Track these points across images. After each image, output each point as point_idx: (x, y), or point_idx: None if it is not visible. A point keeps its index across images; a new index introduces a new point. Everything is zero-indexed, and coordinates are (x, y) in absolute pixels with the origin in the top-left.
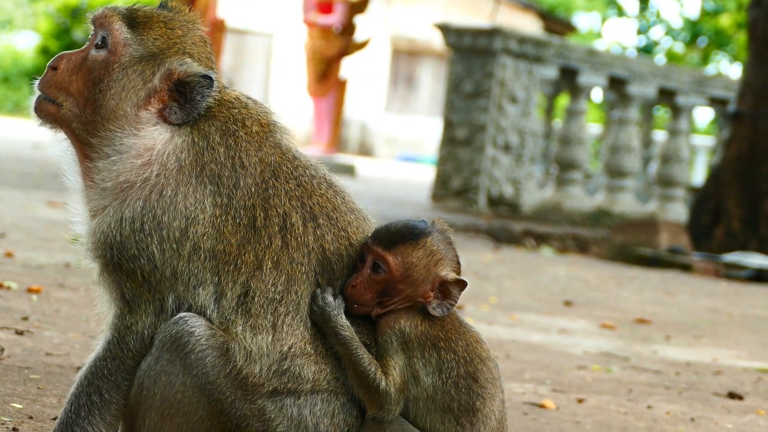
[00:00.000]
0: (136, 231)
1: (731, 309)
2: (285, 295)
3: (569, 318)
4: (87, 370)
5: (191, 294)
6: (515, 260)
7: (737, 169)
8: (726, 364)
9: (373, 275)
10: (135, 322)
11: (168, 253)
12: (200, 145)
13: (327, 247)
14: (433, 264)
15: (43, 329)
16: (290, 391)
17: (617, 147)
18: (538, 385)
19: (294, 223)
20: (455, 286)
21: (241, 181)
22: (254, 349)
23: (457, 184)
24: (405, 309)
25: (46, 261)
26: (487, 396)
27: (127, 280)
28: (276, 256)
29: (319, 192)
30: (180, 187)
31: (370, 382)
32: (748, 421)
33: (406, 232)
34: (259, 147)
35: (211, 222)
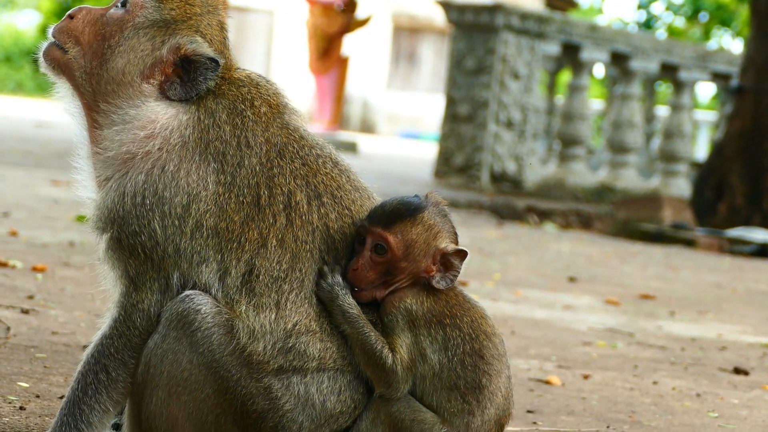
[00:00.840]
0: (138, 205)
1: (735, 284)
2: (289, 273)
3: (573, 294)
4: (93, 348)
5: (195, 271)
6: (519, 236)
7: (740, 144)
8: (731, 339)
9: (374, 256)
10: (141, 299)
11: (170, 229)
12: (206, 123)
13: (331, 226)
14: (432, 237)
15: (48, 308)
16: (296, 368)
17: (620, 123)
18: (543, 361)
19: (299, 202)
20: (456, 257)
21: (245, 161)
22: (257, 327)
23: (459, 161)
24: (408, 287)
25: (51, 240)
26: (494, 373)
27: (130, 256)
28: (281, 234)
29: (324, 171)
30: (183, 163)
31: (378, 360)
32: (753, 397)
33: (402, 209)
34: (266, 127)
35: (213, 199)
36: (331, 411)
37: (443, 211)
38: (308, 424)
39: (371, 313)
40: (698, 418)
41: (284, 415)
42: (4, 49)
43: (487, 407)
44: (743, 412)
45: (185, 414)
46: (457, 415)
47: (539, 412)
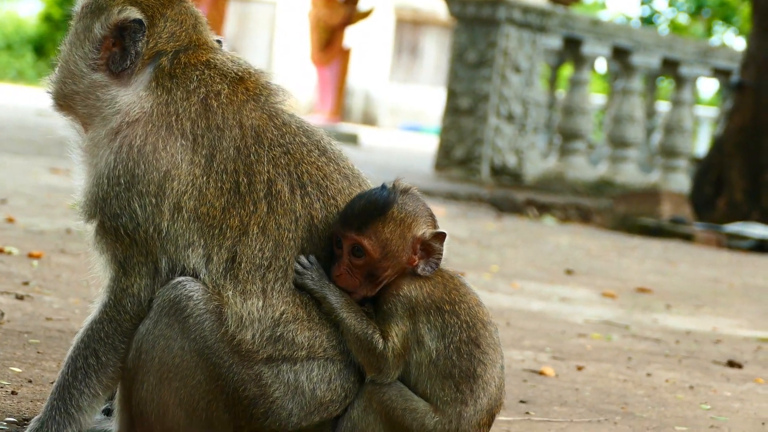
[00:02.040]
0: (113, 185)
1: (732, 279)
2: (273, 262)
3: (570, 286)
4: (84, 333)
5: (182, 255)
6: (517, 229)
7: (740, 140)
8: (726, 333)
9: (354, 260)
10: (131, 284)
11: (149, 209)
12: (163, 98)
13: (315, 215)
14: (407, 229)
15: (43, 294)
16: (285, 357)
17: (620, 117)
18: (537, 352)
19: (280, 190)
20: (435, 241)
21: (218, 143)
22: (245, 314)
23: (460, 154)
24: (400, 277)
25: (48, 227)
26: (488, 362)
27: (116, 240)
28: (262, 222)
29: (309, 160)
30: (149, 137)
31: (369, 346)
32: (747, 390)
33: (371, 209)
34: (237, 109)
35: (190, 181)
36: (321, 399)
37: (414, 197)
38: (298, 412)
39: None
40: (691, 410)
41: (274, 402)
42: (6, 37)
43: (480, 397)
44: (736, 404)
45: (176, 400)
46: (450, 404)
47: (532, 402)
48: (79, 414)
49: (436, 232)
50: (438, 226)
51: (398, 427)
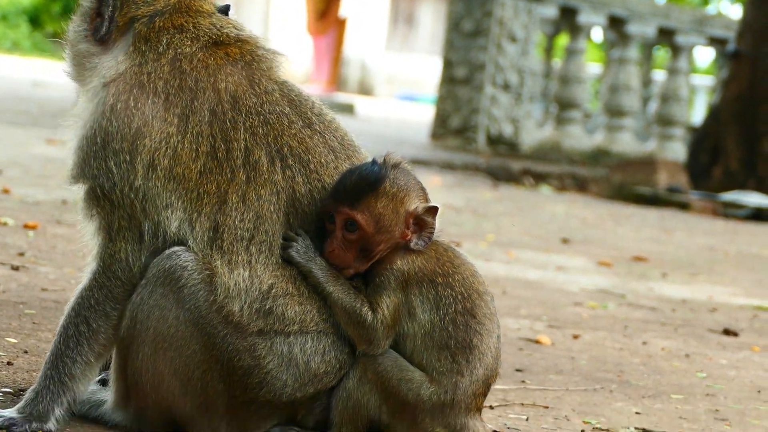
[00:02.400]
0: (91, 144)
1: (728, 247)
2: (255, 234)
3: (566, 255)
4: (74, 301)
5: (162, 218)
6: (514, 198)
7: (736, 109)
8: (722, 301)
9: (347, 234)
10: (117, 250)
11: (123, 167)
12: (137, 60)
13: (297, 189)
14: (400, 204)
15: (39, 265)
16: (277, 331)
17: (616, 86)
18: (534, 321)
19: (258, 160)
20: (428, 215)
21: (190, 104)
22: (232, 285)
23: (456, 123)
24: (393, 251)
25: (44, 197)
26: (485, 332)
27: (97, 205)
28: (241, 191)
29: (290, 132)
30: (121, 95)
31: (358, 318)
32: (742, 357)
33: (363, 185)
34: (212, 72)
35: (164, 139)
36: (315, 371)
37: (405, 171)
38: (292, 383)
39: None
40: (686, 377)
41: (269, 372)
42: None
43: (476, 367)
44: (731, 372)
45: (171, 370)
46: (446, 375)
47: (528, 371)
48: (72, 382)
49: (428, 206)
50: (429, 200)
51: (394, 397)
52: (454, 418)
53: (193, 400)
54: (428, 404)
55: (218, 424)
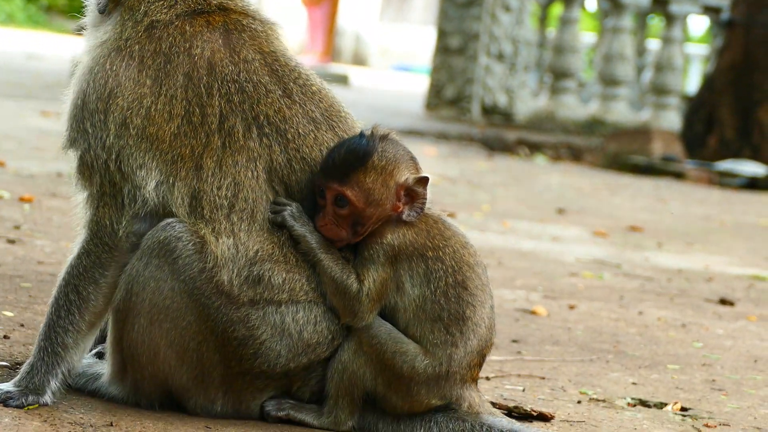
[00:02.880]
0: (76, 108)
1: (724, 216)
2: (235, 203)
3: (562, 225)
4: (65, 271)
5: (138, 178)
6: (509, 168)
7: (731, 77)
8: (718, 270)
9: (338, 210)
10: (102, 215)
11: (97, 126)
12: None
13: (275, 158)
14: (389, 177)
15: (34, 238)
16: (267, 300)
17: (611, 56)
18: (529, 291)
19: (233, 126)
20: (419, 186)
21: (164, 67)
22: (219, 253)
23: (450, 93)
24: (385, 224)
25: (39, 170)
26: (477, 304)
27: (82, 174)
28: (216, 156)
29: (267, 101)
30: (100, 59)
31: (344, 290)
32: (739, 327)
33: (351, 160)
34: (187, 39)
35: (137, 99)
36: (308, 341)
37: (394, 142)
38: (286, 353)
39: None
40: (683, 347)
41: (263, 343)
42: None
43: (470, 338)
44: (728, 342)
45: (167, 341)
46: (440, 347)
47: (524, 341)
48: (66, 352)
49: (418, 177)
50: (420, 169)
51: (388, 369)
52: (450, 389)
53: (189, 371)
54: (423, 376)
55: (214, 395)
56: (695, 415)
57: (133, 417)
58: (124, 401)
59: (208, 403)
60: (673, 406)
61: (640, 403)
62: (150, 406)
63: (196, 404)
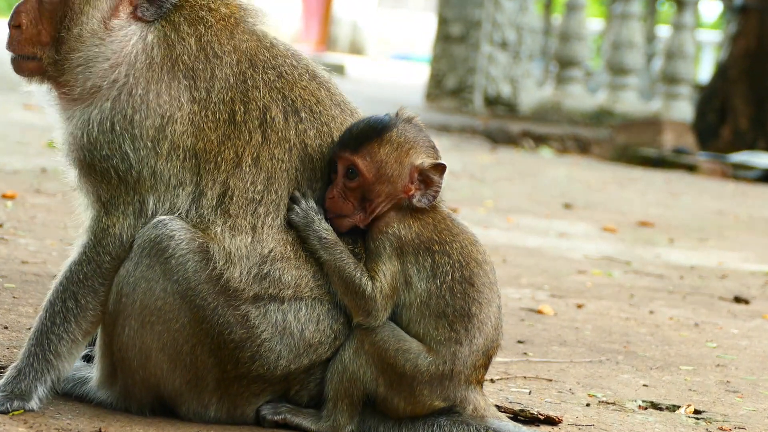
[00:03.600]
0: (106, 132)
1: (738, 210)
2: (264, 195)
3: (569, 221)
4: (62, 275)
5: (172, 194)
6: (513, 162)
7: (745, 65)
8: (732, 267)
9: (347, 182)
10: (112, 224)
11: (143, 152)
12: (172, 38)
13: (309, 143)
14: (405, 155)
15: (18, 236)
16: (272, 296)
17: (619, 43)
18: (535, 290)
19: (274, 117)
20: (434, 172)
21: (217, 72)
22: (233, 250)
23: (452, 83)
24: (393, 211)
25: (22, 166)
26: (484, 301)
27: (102, 180)
28: (256, 153)
29: (302, 84)
30: (151, 85)
31: (356, 288)
32: (754, 326)
33: (368, 131)
34: (231, 34)
35: (189, 119)
36: (310, 340)
37: (417, 126)
38: (287, 354)
39: (349, 241)
40: (696, 348)
41: (262, 344)
42: None
43: (475, 336)
44: (743, 342)
45: (159, 344)
46: (444, 344)
47: (530, 342)
48: (58, 360)
49: (435, 162)
50: (440, 158)
51: (391, 368)
52: (454, 390)
53: (182, 376)
54: (426, 375)
55: (208, 400)
56: (709, 418)
57: (122, 422)
58: (113, 406)
59: (201, 409)
60: (686, 409)
61: (652, 405)
62: (140, 411)
63: (188, 409)
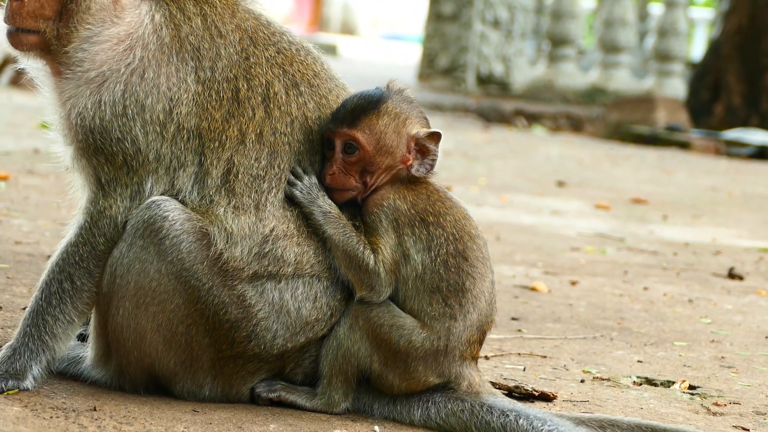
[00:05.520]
0: (119, 115)
1: (732, 187)
2: (268, 170)
3: (562, 198)
4: (58, 256)
5: (170, 177)
6: (506, 140)
7: (737, 42)
8: (726, 243)
9: (347, 158)
10: (109, 206)
11: (152, 135)
12: (178, 18)
13: (309, 116)
14: (402, 125)
15: (11, 217)
16: (271, 274)
17: (612, 21)
18: (529, 267)
19: (277, 92)
20: (430, 141)
21: (221, 51)
22: (236, 230)
23: (444, 63)
24: (389, 184)
25: (14, 147)
26: (477, 276)
27: (105, 163)
28: (259, 128)
29: (299, 58)
30: (162, 67)
31: (360, 262)
32: (748, 302)
33: (365, 104)
34: (233, 13)
35: (194, 99)
36: (307, 318)
37: (408, 98)
38: (283, 332)
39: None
40: (690, 324)
41: (258, 323)
42: None
43: (469, 311)
44: (737, 317)
45: (154, 325)
46: (438, 320)
47: (524, 319)
48: (53, 341)
49: (431, 131)
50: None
51: (385, 344)
52: (448, 366)
53: (177, 356)
54: (421, 351)
55: (203, 379)
56: (704, 394)
57: (117, 401)
58: (107, 385)
59: (196, 388)
60: (680, 385)
61: (646, 381)
62: (135, 390)
63: (183, 389)
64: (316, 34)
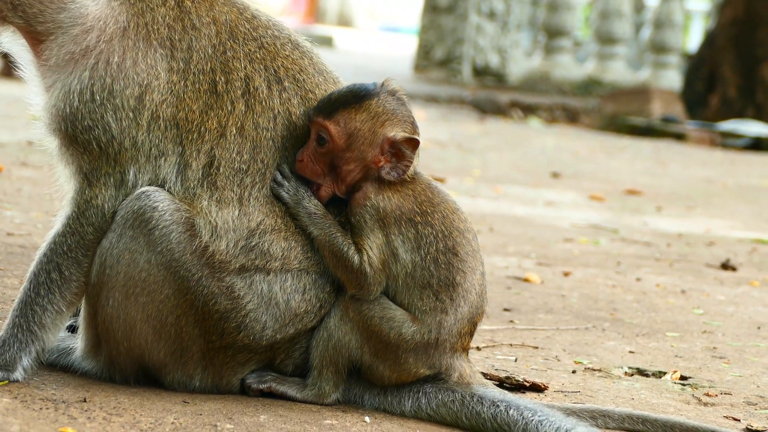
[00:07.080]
0: (87, 102)
1: (726, 179)
2: (251, 165)
3: (556, 190)
4: (46, 247)
5: (153, 165)
6: (501, 132)
7: (733, 34)
8: (719, 234)
9: (318, 148)
10: (95, 195)
11: (125, 122)
12: (138, 7)
13: (293, 111)
14: (379, 125)
15: (4, 209)
16: (259, 268)
17: (608, 12)
18: (522, 258)
19: (258, 87)
20: (406, 146)
21: (194, 43)
22: (220, 223)
23: (440, 54)
24: (369, 183)
25: (8, 139)
26: (468, 270)
27: (84, 152)
28: (240, 122)
29: (284, 53)
30: (127, 52)
31: (346, 262)
32: (741, 293)
33: (348, 97)
34: (210, 5)
35: (169, 89)
36: (296, 310)
37: (400, 100)
38: (272, 324)
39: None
40: (682, 315)
41: (247, 314)
42: None
43: (460, 305)
44: (729, 308)
45: (144, 316)
46: (429, 313)
47: (516, 310)
48: (42, 332)
49: (408, 136)
50: (417, 134)
51: (376, 336)
52: (439, 358)
53: (167, 346)
54: (411, 343)
55: (193, 370)
56: (695, 384)
57: (107, 392)
58: (97, 376)
59: (186, 379)
60: (672, 375)
61: (638, 372)
62: (125, 381)
63: (173, 379)
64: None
